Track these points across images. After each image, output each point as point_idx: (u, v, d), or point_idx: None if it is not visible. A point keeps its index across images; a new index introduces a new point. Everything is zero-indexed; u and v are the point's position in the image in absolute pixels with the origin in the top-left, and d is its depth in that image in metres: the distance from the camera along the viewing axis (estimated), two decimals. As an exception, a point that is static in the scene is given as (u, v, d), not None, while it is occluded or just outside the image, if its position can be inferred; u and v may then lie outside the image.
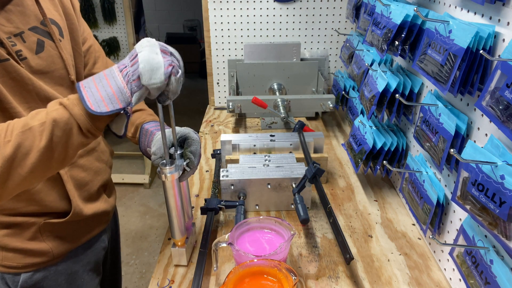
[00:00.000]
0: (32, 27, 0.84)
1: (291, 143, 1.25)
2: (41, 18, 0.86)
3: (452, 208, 0.86)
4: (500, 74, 0.62)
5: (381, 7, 1.05)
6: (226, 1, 1.68)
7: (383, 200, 1.16)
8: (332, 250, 0.96)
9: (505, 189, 0.59)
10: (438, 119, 0.84)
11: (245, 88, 1.70)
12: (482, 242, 0.71)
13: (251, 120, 1.67)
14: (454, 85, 0.74)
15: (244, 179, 1.06)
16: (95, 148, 0.99)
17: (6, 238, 0.88)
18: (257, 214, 1.10)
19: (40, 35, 0.85)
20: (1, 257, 0.89)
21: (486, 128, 0.73)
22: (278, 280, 0.74)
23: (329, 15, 1.73)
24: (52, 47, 0.87)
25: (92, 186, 0.97)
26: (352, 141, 1.23)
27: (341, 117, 1.73)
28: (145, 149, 0.96)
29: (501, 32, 0.68)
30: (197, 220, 1.07)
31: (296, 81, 1.68)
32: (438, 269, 0.91)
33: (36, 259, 0.91)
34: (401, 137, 1.12)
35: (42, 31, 0.85)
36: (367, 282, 0.87)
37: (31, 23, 0.84)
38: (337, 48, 1.81)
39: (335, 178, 1.27)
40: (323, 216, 1.08)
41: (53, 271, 0.94)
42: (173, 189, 0.83)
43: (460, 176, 0.70)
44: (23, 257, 0.90)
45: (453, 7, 0.85)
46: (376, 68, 1.15)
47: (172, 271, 0.91)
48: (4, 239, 0.88)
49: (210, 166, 1.33)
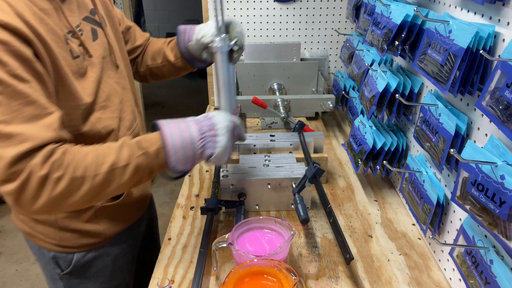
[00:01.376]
0: (85, 17, 0.91)
1: (291, 143, 1.25)
2: (90, 7, 0.94)
3: (452, 208, 0.86)
4: (500, 74, 0.62)
5: (381, 7, 1.05)
6: (226, 1, 1.68)
7: (383, 200, 1.16)
8: (332, 250, 0.96)
9: (505, 189, 0.59)
10: (438, 119, 0.84)
11: (245, 88, 1.70)
12: (482, 242, 0.71)
13: (251, 120, 1.67)
14: (454, 85, 0.74)
15: (244, 179, 1.06)
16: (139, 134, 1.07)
17: (66, 220, 0.95)
18: (257, 214, 1.10)
19: (92, 24, 0.92)
20: (59, 237, 0.97)
21: (486, 128, 0.73)
22: (278, 280, 0.74)
23: (329, 15, 1.73)
24: (102, 34, 0.95)
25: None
26: (352, 141, 1.23)
27: (341, 117, 1.73)
28: (186, 46, 1.07)
29: (501, 32, 0.68)
30: (197, 220, 1.07)
31: (296, 81, 1.68)
32: (438, 269, 0.91)
33: (90, 240, 1.00)
34: (401, 137, 1.12)
35: (92, 20, 0.93)
36: (367, 282, 0.87)
37: (84, 13, 0.91)
38: (337, 48, 1.81)
39: (335, 178, 1.27)
40: (323, 216, 1.08)
41: (102, 251, 1.03)
42: (225, 62, 0.94)
43: (459, 176, 0.70)
44: (79, 237, 0.98)
45: (453, 7, 0.85)
46: (376, 68, 1.15)
47: (172, 271, 0.91)
48: (64, 221, 0.95)
49: (210, 166, 1.33)
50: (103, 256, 1.04)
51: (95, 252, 1.02)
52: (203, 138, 0.80)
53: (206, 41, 1.01)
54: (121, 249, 1.07)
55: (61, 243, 0.98)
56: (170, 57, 1.12)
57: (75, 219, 0.96)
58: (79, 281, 1.04)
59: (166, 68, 1.14)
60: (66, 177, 0.72)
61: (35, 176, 0.70)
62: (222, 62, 0.94)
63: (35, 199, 0.71)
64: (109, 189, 0.77)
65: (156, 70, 1.16)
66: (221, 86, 0.95)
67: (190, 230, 1.04)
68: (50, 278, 1.06)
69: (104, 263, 1.04)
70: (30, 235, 1.01)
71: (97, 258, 1.03)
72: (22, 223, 1.01)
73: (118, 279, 1.10)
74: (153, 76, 1.19)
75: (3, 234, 2.83)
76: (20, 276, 2.45)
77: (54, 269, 1.02)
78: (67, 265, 1.01)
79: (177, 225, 1.06)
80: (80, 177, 0.73)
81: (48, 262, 1.02)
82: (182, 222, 1.07)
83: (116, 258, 1.07)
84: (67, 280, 1.03)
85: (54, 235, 0.97)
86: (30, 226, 0.98)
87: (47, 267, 1.04)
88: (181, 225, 1.06)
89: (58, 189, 0.71)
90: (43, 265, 1.05)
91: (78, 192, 0.73)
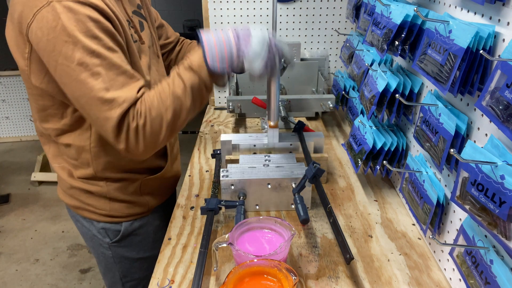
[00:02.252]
0: (134, 10, 1.04)
1: (291, 143, 1.25)
2: (137, 2, 1.07)
3: (452, 208, 0.86)
4: (500, 74, 0.62)
5: (381, 7, 1.05)
6: (226, 1, 1.68)
7: (383, 200, 1.16)
8: (332, 250, 0.96)
9: (505, 189, 0.59)
10: (438, 119, 0.84)
11: (245, 88, 1.70)
12: (482, 242, 0.71)
13: (251, 120, 1.67)
14: (454, 85, 0.74)
15: (244, 179, 1.06)
16: None
17: (115, 192, 1.07)
18: (257, 214, 1.10)
19: (139, 17, 1.06)
20: (109, 207, 1.08)
21: (486, 128, 0.73)
22: (278, 280, 0.74)
23: (329, 15, 1.73)
24: (147, 27, 1.08)
25: (174, 148, 1.20)
26: (352, 141, 1.23)
27: (341, 117, 1.73)
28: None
29: (501, 32, 0.68)
30: (197, 220, 1.07)
31: (296, 81, 1.68)
32: (438, 269, 0.91)
33: (136, 210, 1.12)
34: (401, 137, 1.12)
35: (139, 13, 1.07)
36: (367, 282, 0.87)
37: (133, 7, 1.04)
38: (337, 48, 1.81)
39: (335, 178, 1.27)
40: (323, 216, 1.08)
41: (146, 221, 1.15)
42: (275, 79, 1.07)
43: (459, 176, 0.70)
44: (127, 207, 1.10)
45: (453, 7, 0.85)
46: (376, 68, 1.15)
47: (172, 271, 0.91)
48: (114, 192, 1.07)
49: (210, 166, 1.33)
50: (146, 225, 1.16)
51: (140, 221, 1.14)
52: (237, 37, 0.88)
53: None
54: (160, 220, 1.19)
55: (111, 213, 1.09)
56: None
57: (123, 191, 1.08)
58: (126, 249, 1.15)
59: None
60: (148, 121, 0.86)
61: (131, 129, 0.85)
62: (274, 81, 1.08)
63: (137, 145, 0.87)
64: (182, 116, 0.89)
65: None
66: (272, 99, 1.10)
67: (190, 230, 1.04)
68: (98, 249, 1.16)
69: (147, 232, 1.16)
70: (79, 208, 1.09)
71: (142, 227, 1.15)
72: (71, 198, 1.10)
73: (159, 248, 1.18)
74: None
75: (3, 234, 2.83)
76: (20, 276, 2.45)
77: (103, 239, 1.13)
78: (115, 234, 1.12)
79: (177, 225, 1.06)
80: (156, 116, 0.86)
81: (97, 233, 1.12)
82: (182, 222, 1.07)
83: (157, 228, 1.18)
84: (115, 248, 1.14)
85: (104, 206, 1.08)
86: (81, 200, 1.08)
87: (95, 239, 1.13)
88: (181, 225, 1.06)
89: (147, 132, 0.86)
90: (90, 238, 1.14)
91: (162, 128, 0.87)
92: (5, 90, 3.97)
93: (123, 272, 1.19)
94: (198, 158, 1.40)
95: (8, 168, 3.71)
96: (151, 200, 1.15)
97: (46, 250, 2.67)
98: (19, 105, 4.05)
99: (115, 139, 0.86)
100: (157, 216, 1.19)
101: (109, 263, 1.17)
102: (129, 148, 0.87)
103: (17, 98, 4.02)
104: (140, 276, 1.21)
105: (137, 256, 1.18)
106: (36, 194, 3.29)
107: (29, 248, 2.69)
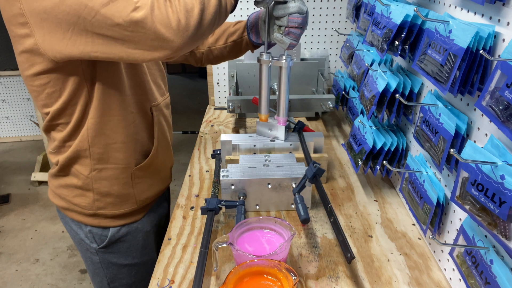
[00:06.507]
0: None
1: (291, 143, 1.26)
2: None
3: (452, 208, 0.86)
4: (500, 74, 0.62)
5: (381, 7, 1.05)
6: (226, 1, 1.68)
7: (383, 200, 1.16)
8: (332, 250, 0.96)
9: (505, 189, 0.59)
10: (438, 119, 0.84)
11: (245, 88, 1.70)
12: (482, 242, 0.71)
13: (251, 120, 1.67)
14: (454, 85, 0.74)
15: (244, 179, 1.06)
16: (169, 105, 1.20)
17: (104, 184, 1.05)
18: (257, 214, 1.10)
19: None
20: (95, 206, 1.07)
21: (486, 128, 0.73)
22: (278, 280, 0.74)
23: (329, 15, 1.73)
24: None
25: (167, 137, 1.17)
26: (352, 141, 1.23)
27: (341, 117, 1.73)
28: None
29: (501, 32, 0.68)
30: (197, 220, 1.07)
31: (296, 81, 1.68)
32: (438, 269, 0.91)
33: (124, 208, 1.10)
34: (401, 137, 1.12)
35: None
36: (367, 282, 0.87)
37: None
38: (337, 48, 1.81)
39: (335, 178, 1.27)
40: (323, 216, 1.08)
41: (134, 228, 1.14)
42: (265, 72, 1.15)
43: (459, 176, 0.70)
44: (113, 206, 1.09)
45: (453, 7, 0.85)
46: (376, 68, 1.15)
47: (172, 271, 0.91)
48: (103, 186, 1.05)
49: (210, 166, 1.33)
50: (135, 232, 1.14)
51: (128, 227, 1.12)
52: None
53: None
54: (151, 226, 1.19)
55: (98, 212, 1.07)
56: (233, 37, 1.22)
57: (114, 182, 1.05)
58: (113, 255, 1.14)
59: (227, 50, 1.24)
60: (181, 12, 0.83)
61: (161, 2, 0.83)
62: (263, 71, 1.15)
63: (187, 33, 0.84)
64: (209, 9, 0.86)
65: (217, 51, 1.26)
66: (262, 89, 1.17)
67: (190, 230, 1.04)
68: (86, 253, 1.15)
69: (136, 239, 1.15)
70: (67, 209, 1.09)
71: (130, 234, 1.13)
72: (59, 199, 1.09)
73: (148, 254, 1.20)
74: (211, 58, 1.29)
75: (3, 234, 2.83)
76: (20, 276, 2.45)
77: (90, 244, 1.12)
78: (102, 239, 1.11)
79: (177, 225, 1.06)
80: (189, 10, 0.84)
81: (85, 237, 1.11)
82: (182, 222, 1.07)
83: (147, 235, 1.17)
84: (102, 254, 1.13)
85: (90, 205, 1.06)
86: (68, 200, 1.07)
87: (83, 243, 1.13)
88: (181, 225, 1.06)
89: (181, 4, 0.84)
90: (79, 242, 1.14)
91: (194, 9, 0.84)
92: (5, 90, 3.98)
93: (111, 277, 1.18)
94: (198, 158, 1.40)
95: (8, 168, 3.71)
96: (141, 192, 1.11)
97: (46, 250, 2.67)
98: (19, 105, 4.06)
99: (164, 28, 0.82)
100: (147, 223, 1.17)
101: (97, 268, 1.17)
102: (179, 33, 0.83)
103: (17, 98, 4.03)
104: (128, 282, 1.20)
105: (125, 263, 1.17)
106: (36, 194, 3.29)
107: (29, 248, 2.69)
